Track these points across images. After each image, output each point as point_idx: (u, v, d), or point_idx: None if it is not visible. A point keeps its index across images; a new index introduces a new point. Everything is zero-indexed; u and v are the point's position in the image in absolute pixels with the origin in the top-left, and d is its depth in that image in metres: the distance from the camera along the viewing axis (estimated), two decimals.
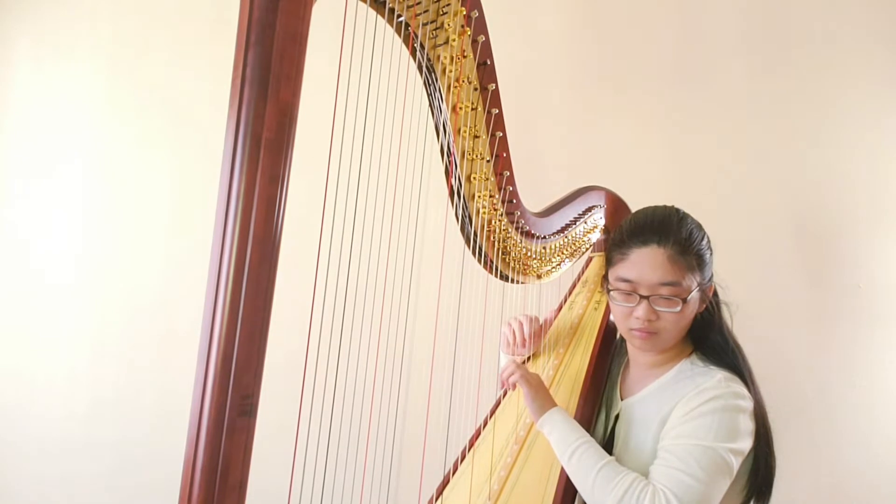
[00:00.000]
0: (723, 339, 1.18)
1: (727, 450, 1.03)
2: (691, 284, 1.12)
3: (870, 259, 1.96)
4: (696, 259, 1.12)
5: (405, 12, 1.00)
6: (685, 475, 1.00)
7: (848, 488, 1.92)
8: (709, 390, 1.08)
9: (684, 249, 1.11)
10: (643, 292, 1.12)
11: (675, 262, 1.10)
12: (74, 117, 2.70)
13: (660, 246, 1.11)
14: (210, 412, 0.71)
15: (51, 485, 2.60)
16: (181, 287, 2.53)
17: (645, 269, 1.12)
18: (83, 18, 2.70)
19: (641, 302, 1.12)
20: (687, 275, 1.11)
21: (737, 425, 1.06)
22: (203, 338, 0.71)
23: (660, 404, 1.13)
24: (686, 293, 1.11)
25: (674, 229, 1.13)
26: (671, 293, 1.10)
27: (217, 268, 0.72)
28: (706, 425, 1.04)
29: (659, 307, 1.11)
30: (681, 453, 1.03)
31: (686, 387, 1.12)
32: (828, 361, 1.96)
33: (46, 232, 2.74)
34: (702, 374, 1.13)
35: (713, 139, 2.11)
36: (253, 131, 0.71)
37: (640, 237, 1.14)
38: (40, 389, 2.67)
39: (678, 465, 1.02)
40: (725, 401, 1.07)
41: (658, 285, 1.11)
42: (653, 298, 1.11)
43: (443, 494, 1.26)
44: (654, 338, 1.14)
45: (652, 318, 1.12)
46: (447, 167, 1.19)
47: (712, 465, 1.01)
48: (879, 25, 2.00)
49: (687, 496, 0.99)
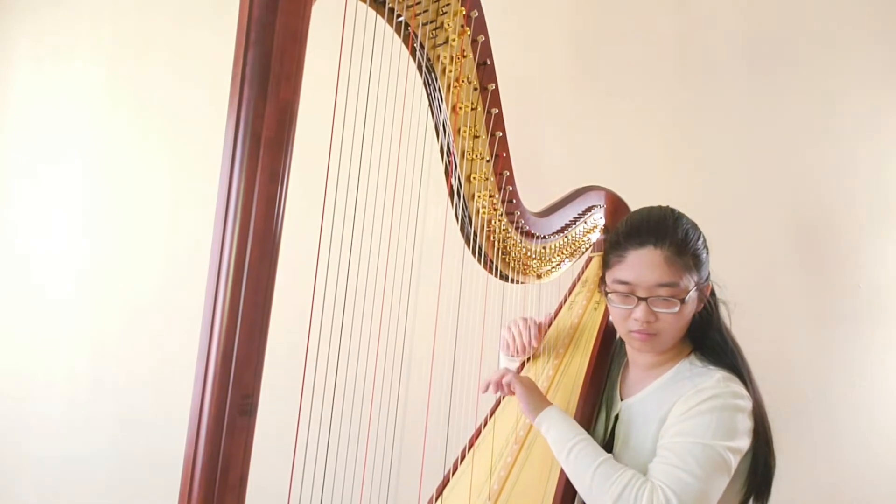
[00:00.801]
0: (721, 338, 1.18)
1: (725, 448, 1.03)
2: (689, 285, 1.12)
3: (870, 259, 1.96)
4: (692, 259, 1.13)
5: (405, 12, 1.00)
6: (683, 472, 1.00)
7: (848, 488, 1.92)
8: (707, 389, 1.08)
9: (681, 250, 1.12)
10: (641, 294, 1.12)
11: (672, 263, 1.11)
12: (74, 116, 2.71)
13: (656, 247, 1.11)
14: (210, 411, 0.71)
15: (50, 484, 2.60)
16: (181, 285, 2.53)
17: (642, 270, 1.12)
18: (83, 18, 2.70)
19: (640, 304, 1.12)
20: (684, 275, 1.11)
21: (735, 424, 1.06)
22: (203, 336, 0.71)
23: (659, 404, 1.14)
24: (684, 293, 1.11)
25: (670, 230, 1.13)
26: (669, 294, 1.10)
27: (217, 266, 0.72)
28: (704, 423, 1.04)
29: (657, 308, 1.11)
30: (679, 451, 1.03)
31: (685, 387, 1.12)
32: (828, 361, 1.96)
33: (46, 231, 2.73)
34: (700, 374, 1.13)
35: (713, 139, 2.11)
36: (253, 130, 0.71)
37: (636, 239, 1.14)
38: (40, 390, 2.67)
39: (676, 462, 1.02)
40: (724, 400, 1.07)
41: (656, 286, 1.11)
42: (651, 300, 1.11)
43: (443, 494, 1.26)
44: (654, 339, 1.14)
45: (651, 319, 1.12)
46: (447, 167, 1.19)
47: (710, 463, 1.01)
48: (879, 26, 2.00)
49: (685, 493, 0.99)
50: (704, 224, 1.22)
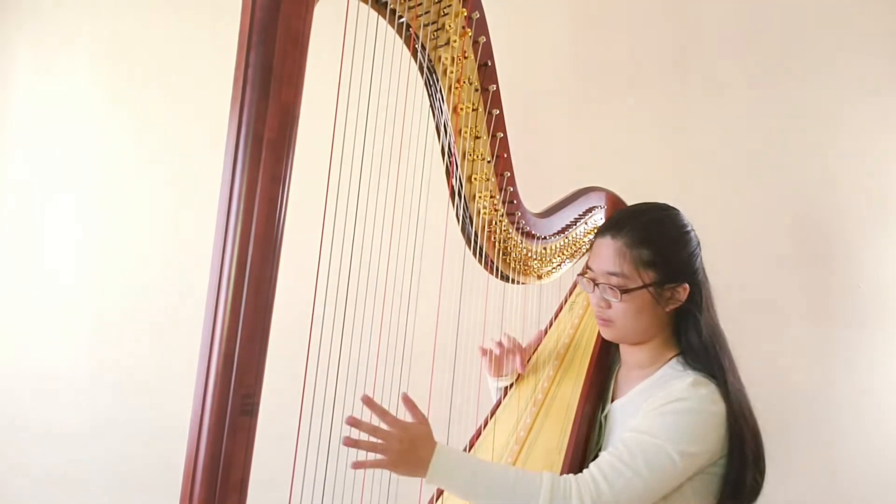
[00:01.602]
0: (699, 341, 1.16)
1: (679, 451, 1.02)
2: (637, 280, 1.13)
3: (870, 259, 1.96)
4: (649, 254, 1.13)
5: (406, 13, 1.00)
6: (627, 468, 1.01)
7: (848, 488, 1.92)
8: (675, 392, 1.08)
9: (634, 243, 1.14)
10: (597, 279, 1.17)
11: (621, 254, 1.14)
12: (74, 116, 2.71)
13: (613, 238, 1.16)
14: (211, 411, 0.71)
15: (50, 485, 2.60)
16: (183, 287, 2.53)
17: (597, 258, 1.18)
18: (83, 18, 2.70)
19: (595, 289, 1.17)
20: (632, 269, 1.13)
21: (695, 429, 1.05)
22: (205, 337, 0.72)
23: (637, 406, 1.13)
24: (627, 285, 1.13)
25: (632, 224, 1.16)
26: (615, 283, 1.14)
27: (219, 267, 0.72)
28: (663, 424, 1.04)
29: (605, 295, 1.16)
30: (631, 445, 1.04)
31: (663, 389, 1.12)
32: (828, 361, 1.96)
33: (46, 231, 2.74)
34: (676, 377, 1.13)
35: (713, 140, 2.11)
36: (255, 132, 0.71)
37: (604, 227, 1.21)
38: (40, 390, 2.67)
39: (625, 456, 1.02)
40: (689, 403, 1.06)
41: (605, 274, 1.16)
42: (601, 286, 1.16)
43: (444, 495, 1.26)
44: (610, 326, 1.18)
45: (602, 304, 1.17)
46: (448, 168, 1.19)
47: (658, 464, 1.01)
48: (880, 26, 2.00)
49: (623, 488, 1.00)
50: (704, 224, 1.22)
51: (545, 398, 1.34)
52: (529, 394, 1.38)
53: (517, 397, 1.40)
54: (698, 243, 1.20)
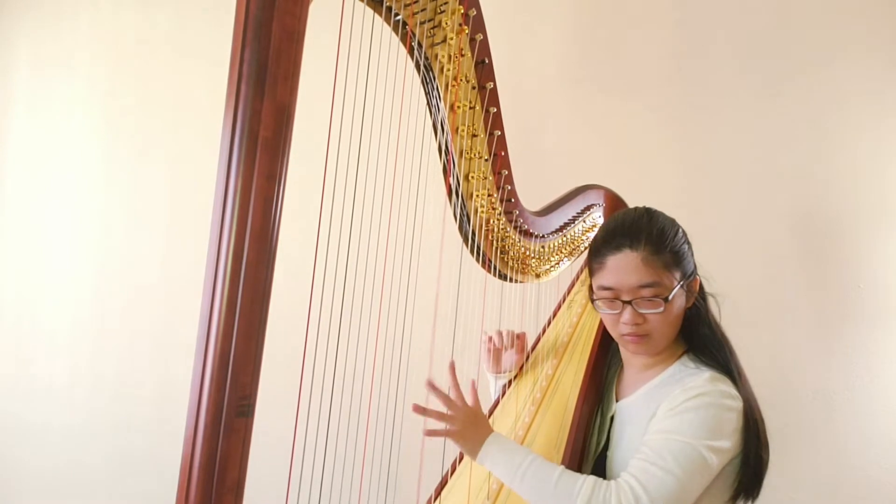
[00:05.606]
0: (710, 332, 1.18)
1: (706, 447, 1.02)
2: (671, 282, 1.12)
3: (870, 259, 1.95)
4: (671, 256, 1.12)
5: (403, 11, 1.00)
6: (658, 468, 1.00)
7: (848, 488, 1.92)
8: (694, 388, 1.08)
9: (657, 248, 1.12)
10: (625, 297, 1.12)
11: (649, 263, 1.11)
12: (74, 116, 2.70)
13: (632, 249, 1.12)
14: (207, 412, 0.71)
15: (49, 484, 2.59)
16: (179, 286, 2.53)
17: (622, 274, 1.12)
18: (82, 17, 2.70)
19: (626, 308, 1.12)
20: (665, 273, 1.11)
21: (720, 423, 1.05)
22: (200, 337, 0.71)
23: (650, 405, 1.13)
24: (667, 291, 1.11)
25: (644, 230, 1.13)
26: (652, 294, 1.10)
27: (214, 266, 0.71)
28: (687, 421, 1.04)
29: (643, 310, 1.11)
30: (657, 447, 1.03)
31: (676, 387, 1.11)
32: (828, 361, 1.96)
33: (45, 232, 2.73)
34: (690, 374, 1.13)
35: (713, 139, 2.10)
36: (250, 130, 0.71)
37: (612, 243, 1.14)
38: (40, 390, 2.67)
39: (653, 458, 1.02)
40: (710, 398, 1.06)
41: (638, 288, 1.11)
42: (636, 302, 1.11)
43: (441, 495, 1.25)
44: (646, 340, 1.14)
45: (638, 321, 1.12)
46: (445, 166, 1.18)
47: (688, 461, 1.00)
48: (880, 26, 1.99)
49: (657, 489, 0.98)
50: (705, 224, 1.22)
51: (543, 397, 1.33)
52: (528, 392, 1.38)
53: (516, 395, 1.40)
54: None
